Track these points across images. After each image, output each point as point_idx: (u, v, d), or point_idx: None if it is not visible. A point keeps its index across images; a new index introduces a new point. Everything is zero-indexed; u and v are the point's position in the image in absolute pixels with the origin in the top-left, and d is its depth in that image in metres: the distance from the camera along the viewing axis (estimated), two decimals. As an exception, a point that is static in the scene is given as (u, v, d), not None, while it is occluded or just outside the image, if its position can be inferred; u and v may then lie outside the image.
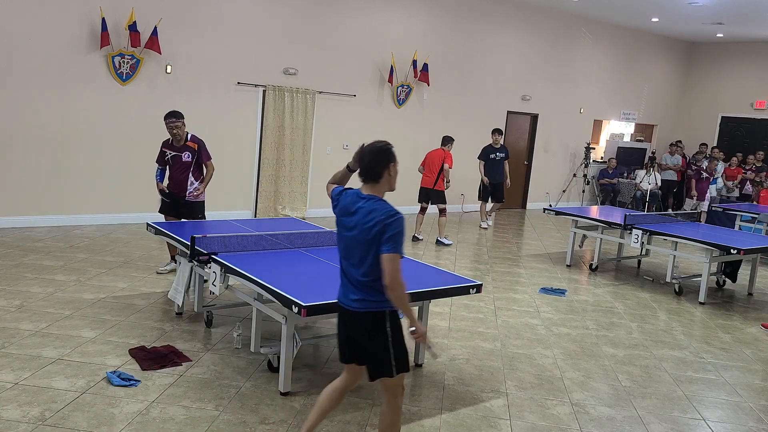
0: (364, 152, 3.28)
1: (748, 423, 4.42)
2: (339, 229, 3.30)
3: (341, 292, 3.31)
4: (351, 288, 3.23)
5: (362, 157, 3.28)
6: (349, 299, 3.24)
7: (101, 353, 4.69)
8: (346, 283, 3.28)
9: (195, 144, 6.61)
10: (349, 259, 3.23)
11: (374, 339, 3.20)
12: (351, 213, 3.22)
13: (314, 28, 10.36)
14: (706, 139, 15.82)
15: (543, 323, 6.20)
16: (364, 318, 3.20)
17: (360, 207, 3.19)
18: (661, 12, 12.79)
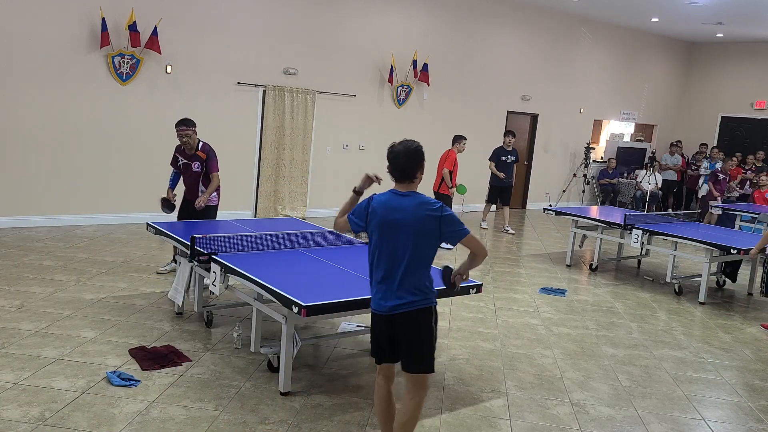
0: (399, 153, 3.33)
1: (748, 423, 4.42)
2: (383, 233, 3.28)
3: (379, 299, 3.31)
4: (396, 291, 3.26)
5: (397, 158, 3.34)
6: (393, 303, 3.26)
7: (101, 353, 4.69)
8: (389, 288, 3.28)
9: (204, 154, 6.48)
10: (398, 260, 3.25)
11: (421, 335, 3.29)
12: (397, 211, 3.27)
13: (314, 28, 10.36)
14: (706, 139, 15.82)
15: (543, 323, 6.20)
16: (415, 316, 3.26)
17: (406, 203, 3.27)
18: (661, 12, 12.79)
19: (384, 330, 3.34)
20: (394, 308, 3.26)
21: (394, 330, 3.31)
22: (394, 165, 3.35)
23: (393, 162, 3.35)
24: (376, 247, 3.32)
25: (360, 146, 11.26)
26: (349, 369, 4.77)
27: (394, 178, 3.38)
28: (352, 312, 4.07)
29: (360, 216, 3.38)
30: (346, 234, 5.75)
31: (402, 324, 3.28)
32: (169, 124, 9.27)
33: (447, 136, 12.33)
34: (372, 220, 3.32)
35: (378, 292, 3.33)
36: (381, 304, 3.31)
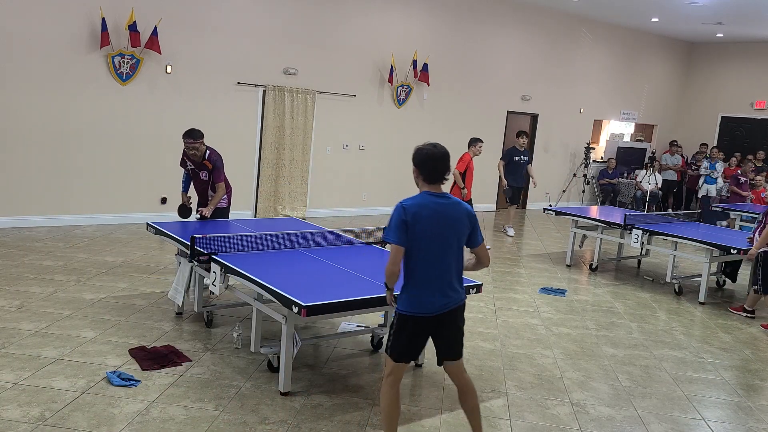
0: (437, 156, 3.40)
1: (748, 423, 4.42)
2: (430, 235, 3.34)
3: (428, 299, 3.38)
4: (448, 289, 3.41)
5: (435, 161, 3.40)
6: (445, 301, 3.40)
7: (101, 353, 4.69)
8: (440, 287, 3.40)
9: (210, 164, 6.30)
10: (448, 259, 3.39)
11: (461, 326, 3.53)
12: (441, 212, 3.36)
13: (314, 28, 10.36)
14: (706, 139, 15.82)
15: (543, 323, 6.20)
16: (461, 308, 3.50)
17: (446, 203, 3.39)
18: (661, 12, 12.79)
19: (428, 329, 3.43)
20: (445, 305, 3.40)
21: (440, 327, 3.43)
22: (432, 167, 3.40)
23: (431, 164, 3.40)
24: (422, 249, 3.34)
25: (360, 146, 11.26)
26: (349, 369, 4.77)
27: (429, 179, 3.43)
28: (352, 312, 4.07)
29: (401, 229, 3.31)
30: (347, 235, 5.75)
31: (450, 318, 3.44)
32: (169, 124, 9.29)
33: (447, 136, 12.35)
34: (415, 225, 3.32)
35: (425, 293, 3.38)
36: (432, 303, 3.38)
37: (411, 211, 3.32)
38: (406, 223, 3.30)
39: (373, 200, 11.62)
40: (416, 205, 3.34)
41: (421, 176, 3.43)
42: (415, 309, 3.38)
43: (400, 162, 11.82)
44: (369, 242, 5.62)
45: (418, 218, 3.32)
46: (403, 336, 3.43)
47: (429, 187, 3.43)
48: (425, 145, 3.45)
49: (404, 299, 3.41)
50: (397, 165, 11.78)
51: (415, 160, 3.43)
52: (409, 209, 3.32)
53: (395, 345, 3.46)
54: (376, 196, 11.61)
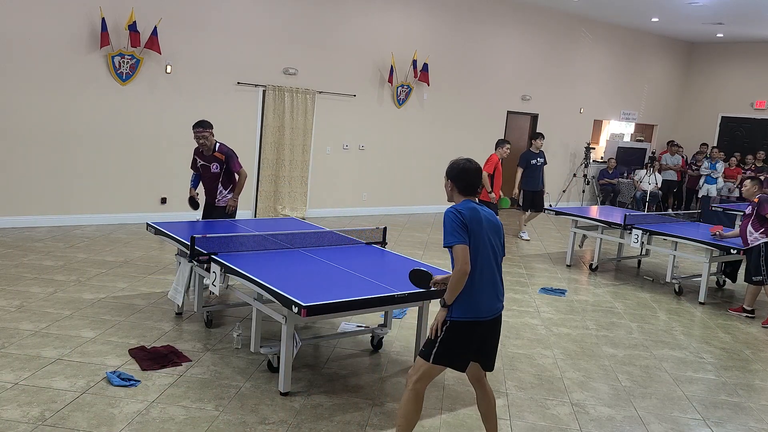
0: (470, 171, 3.52)
1: (748, 423, 4.42)
2: (484, 240, 3.39)
3: (488, 305, 3.41)
4: (499, 294, 3.49)
5: (469, 176, 3.51)
6: (500, 305, 3.49)
7: (101, 353, 4.69)
8: (497, 291, 3.46)
9: (222, 155, 6.42)
10: (498, 264, 3.48)
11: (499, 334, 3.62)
12: (488, 219, 3.45)
13: (314, 28, 10.36)
14: (706, 139, 15.82)
15: (543, 323, 6.20)
16: (501, 318, 3.56)
17: (488, 212, 3.50)
18: (661, 12, 12.79)
19: (484, 334, 3.45)
20: (500, 309, 3.50)
21: (491, 332, 3.48)
22: (468, 180, 3.52)
23: (467, 177, 3.52)
24: (479, 253, 3.38)
25: (360, 146, 11.26)
26: (349, 369, 4.77)
27: (465, 192, 3.53)
28: (352, 312, 4.07)
29: (463, 230, 3.34)
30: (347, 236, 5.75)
31: (498, 325, 3.52)
32: (169, 124, 9.29)
33: (447, 137, 12.37)
34: (473, 229, 3.36)
35: (483, 297, 3.40)
36: (493, 307, 3.43)
37: (467, 214, 3.36)
38: (465, 225, 3.33)
39: (373, 200, 11.62)
40: (470, 210, 3.39)
41: (456, 188, 3.53)
42: (475, 313, 3.37)
43: (400, 162, 11.82)
44: (369, 242, 5.62)
45: (474, 221, 3.36)
46: (456, 344, 3.38)
47: (465, 197, 3.51)
48: (459, 159, 3.57)
49: (461, 305, 3.36)
50: (397, 165, 11.78)
51: (451, 174, 3.54)
52: (465, 212, 3.36)
53: (443, 353, 3.39)
54: (376, 196, 11.61)
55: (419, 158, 12.10)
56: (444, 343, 3.38)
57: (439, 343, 3.38)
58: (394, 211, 11.86)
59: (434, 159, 12.27)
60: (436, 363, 3.40)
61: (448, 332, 3.37)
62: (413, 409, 3.44)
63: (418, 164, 12.10)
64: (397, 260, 5.10)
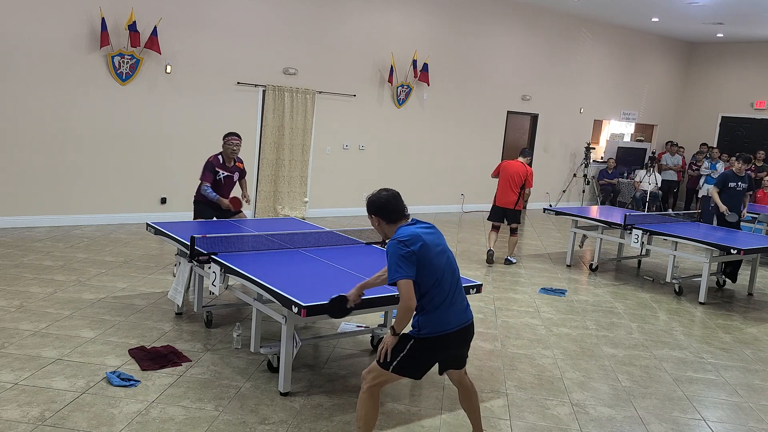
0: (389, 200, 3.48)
1: (748, 423, 4.42)
2: (437, 257, 3.36)
3: (456, 318, 3.40)
4: (464, 303, 3.48)
5: (391, 204, 3.47)
6: (467, 315, 3.47)
7: (101, 353, 4.69)
8: (462, 302, 3.46)
9: (242, 164, 6.82)
10: (455, 274, 3.47)
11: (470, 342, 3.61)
12: (430, 234, 3.43)
13: (314, 28, 10.36)
14: (706, 139, 15.82)
15: (543, 323, 6.20)
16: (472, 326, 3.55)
17: (424, 226, 3.47)
18: (661, 12, 12.79)
19: (457, 345, 3.46)
20: (469, 318, 3.48)
21: (464, 339, 3.48)
22: (391, 208, 3.48)
23: (389, 206, 3.48)
24: (439, 269, 3.35)
25: (360, 146, 11.26)
26: (349, 369, 4.76)
27: (394, 219, 3.48)
28: (352, 312, 4.06)
29: (407, 261, 3.26)
30: (347, 236, 5.74)
31: (470, 333, 3.51)
32: (169, 124, 9.29)
33: (447, 137, 12.37)
34: (420, 252, 3.30)
35: (454, 311, 3.39)
36: (461, 318, 3.42)
37: (409, 241, 3.29)
38: (411, 254, 3.27)
39: (373, 200, 11.60)
40: (409, 235, 3.32)
41: (384, 221, 3.48)
42: (442, 328, 3.35)
43: (400, 162, 11.82)
44: (369, 242, 5.62)
45: (417, 246, 3.30)
46: (421, 359, 3.40)
47: (397, 224, 3.47)
48: (374, 194, 3.52)
49: (429, 323, 3.35)
50: (397, 165, 11.78)
51: (373, 210, 3.49)
52: (407, 240, 3.30)
53: (404, 366, 3.38)
54: (376, 196, 11.59)
55: (419, 158, 12.10)
56: (407, 358, 3.36)
57: (402, 356, 3.35)
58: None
59: (434, 159, 12.28)
60: (396, 373, 3.40)
61: (414, 348, 3.35)
62: (371, 408, 3.43)
63: (418, 164, 12.10)
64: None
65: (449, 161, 12.53)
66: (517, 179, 8.46)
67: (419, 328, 3.36)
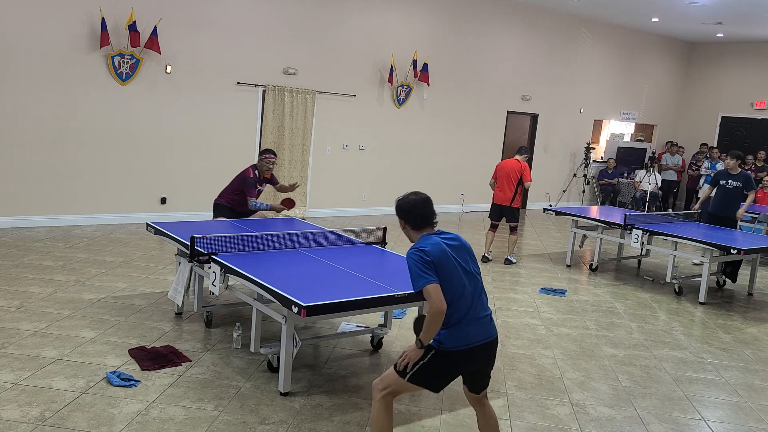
0: (417, 205, 3.36)
1: (748, 423, 4.42)
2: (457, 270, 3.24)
3: (479, 331, 3.26)
4: (489, 316, 3.34)
5: (419, 210, 3.35)
6: (491, 330, 3.32)
7: (101, 353, 4.69)
8: (486, 315, 3.32)
9: (270, 176, 6.93)
10: (478, 286, 3.32)
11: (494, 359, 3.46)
12: (455, 246, 3.31)
13: (314, 28, 10.36)
14: (706, 139, 15.82)
15: (543, 323, 6.20)
16: (496, 342, 3.39)
17: (451, 237, 3.35)
18: (661, 12, 12.79)
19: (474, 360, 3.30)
20: (493, 333, 3.33)
21: (487, 356, 3.33)
22: (419, 213, 3.36)
23: (417, 211, 3.36)
24: (455, 283, 3.23)
25: (360, 146, 11.26)
26: (349, 369, 4.76)
27: (420, 226, 3.37)
28: (352, 312, 4.07)
29: (429, 268, 3.16)
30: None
31: (492, 348, 3.34)
32: (169, 124, 9.29)
33: (447, 137, 12.37)
34: (441, 262, 3.19)
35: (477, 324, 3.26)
36: (485, 332, 3.29)
37: (430, 250, 3.19)
38: (431, 263, 3.16)
39: (373, 200, 11.62)
40: (432, 244, 3.22)
41: (410, 226, 3.38)
42: (465, 342, 3.22)
43: (400, 162, 11.82)
44: (369, 242, 5.62)
45: (439, 255, 3.20)
46: (439, 371, 3.27)
47: (422, 231, 3.36)
48: (405, 196, 3.39)
49: (452, 336, 3.22)
50: (397, 165, 11.78)
51: (400, 213, 3.38)
52: (428, 249, 3.19)
53: (422, 376, 3.25)
54: (376, 196, 11.61)
55: (419, 158, 12.10)
56: (425, 369, 3.24)
57: (421, 366, 3.23)
58: (394, 211, 11.84)
59: (434, 159, 12.28)
60: (412, 382, 3.26)
61: (434, 359, 3.23)
62: (386, 418, 3.30)
63: (418, 164, 12.10)
64: (397, 260, 5.10)
65: (449, 161, 12.53)
66: (513, 176, 8.44)
67: (441, 342, 3.22)
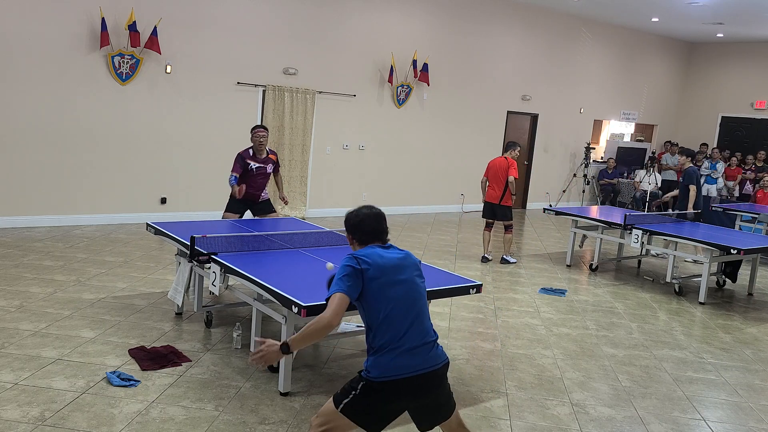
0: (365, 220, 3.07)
1: (748, 423, 4.42)
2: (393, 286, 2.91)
3: (417, 359, 2.86)
4: (429, 342, 2.94)
5: (366, 226, 3.07)
6: (434, 357, 2.92)
7: (101, 353, 4.69)
8: (425, 341, 2.92)
9: (275, 156, 6.96)
10: (420, 307, 2.96)
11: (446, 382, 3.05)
12: (400, 261, 2.99)
13: (314, 28, 10.36)
14: (706, 139, 15.82)
15: (543, 323, 6.20)
16: (446, 368, 2.98)
17: (397, 254, 3.02)
18: (661, 12, 12.79)
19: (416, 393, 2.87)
20: (438, 362, 2.92)
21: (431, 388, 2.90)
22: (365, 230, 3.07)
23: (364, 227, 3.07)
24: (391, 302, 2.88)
25: (360, 146, 11.26)
26: (349, 369, 4.76)
27: (366, 242, 3.07)
28: (352, 312, 4.06)
29: (353, 278, 2.87)
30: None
31: (438, 378, 2.92)
32: (169, 124, 9.30)
33: (447, 137, 12.37)
34: (374, 276, 2.89)
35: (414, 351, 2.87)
36: (425, 359, 2.88)
37: (368, 260, 2.91)
38: (359, 273, 2.87)
39: (373, 200, 11.62)
40: (371, 254, 2.94)
41: (356, 241, 3.10)
42: (397, 371, 2.82)
43: (400, 162, 11.82)
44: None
45: (375, 268, 2.90)
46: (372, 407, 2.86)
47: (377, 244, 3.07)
48: (356, 210, 3.12)
49: (380, 363, 2.84)
50: (397, 165, 11.78)
51: (347, 226, 3.12)
52: (364, 258, 2.92)
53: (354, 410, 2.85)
54: (376, 196, 11.61)
55: (419, 158, 12.10)
56: (359, 400, 2.84)
57: (353, 397, 2.85)
58: (394, 211, 11.85)
59: (434, 159, 12.28)
60: (347, 416, 2.85)
61: (363, 393, 2.84)
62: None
63: (418, 164, 12.10)
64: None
65: (449, 161, 12.53)
66: (501, 174, 8.42)
67: (368, 371, 2.85)
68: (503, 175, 8.40)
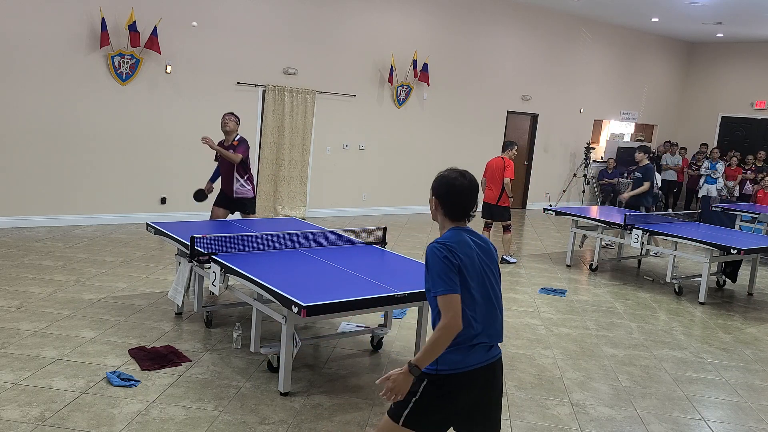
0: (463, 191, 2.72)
1: (748, 423, 4.42)
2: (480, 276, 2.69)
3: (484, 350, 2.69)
4: (500, 333, 2.76)
5: (463, 198, 2.72)
6: (496, 349, 2.75)
7: (101, 353, 4.69)
8: (498, 332, 2.74)
9: (237, 142, 6.90)
10: (497, 297, 2.76)
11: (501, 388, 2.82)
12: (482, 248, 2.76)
13: (314, 28, 10.36)
14: (706, 139, 15.82)
15: (543, 323, 6.20)
16: (501, 360, 2.79)
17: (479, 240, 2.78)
18: (661, 12, 12.79)
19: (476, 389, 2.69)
20: (497, 353, 2.76)
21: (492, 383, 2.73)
22: (461, 203, 2.72)
23: (460, 200, 2.72)
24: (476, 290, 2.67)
25: (360, 146, 11.26)
26: (349, 369, 4.76)
27: (456, 216, 2.74)
28: (352, 312, 4.07)
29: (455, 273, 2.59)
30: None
31: (496, 371, 2.73)
32: (169, 124, 9.30)
33: (447, 137, 12.37)
34: (466, 266, 2.65)
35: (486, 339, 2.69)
36: (489, 351, 2.71)
37: (459, 251, 2.63)
38: (457, 267, 2.60)
39: (373, 200, 11.62)
40: (461, 243, 2.66)
41: (443, 211, 2.74)
42: (465, 363, 2.64)
43: (400, 162, 11.82)
44: (369, 242, 5.62)
45: (467, 258, 2.65)
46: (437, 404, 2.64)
47: (455, 224, 2.75)
48: (450, 172, 2.74)
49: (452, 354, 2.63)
50: (397, 165, 11.78)
51: (439, 192, 2.73)
52: (456, 249, 2.62)
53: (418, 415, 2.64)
54: (376, 196, 11.61)
55: (419, 158, 12.10)
56: (421, 403, 2.62)
57: (415, 402, 2.62)
58: (394, 211, 11.86)
59: (434, 159, 12.27)
60: (407, 426, 2.64)
61: (429, 388, 2.62)
62: None
63: (418, 164, 12.10)
64: (397, 260, 5.10)
65: (449, 161, 12.52)
66: (497, 174, 8.41)
67: (437, 361, 2.62)
68: (500, 176, 8.39)
